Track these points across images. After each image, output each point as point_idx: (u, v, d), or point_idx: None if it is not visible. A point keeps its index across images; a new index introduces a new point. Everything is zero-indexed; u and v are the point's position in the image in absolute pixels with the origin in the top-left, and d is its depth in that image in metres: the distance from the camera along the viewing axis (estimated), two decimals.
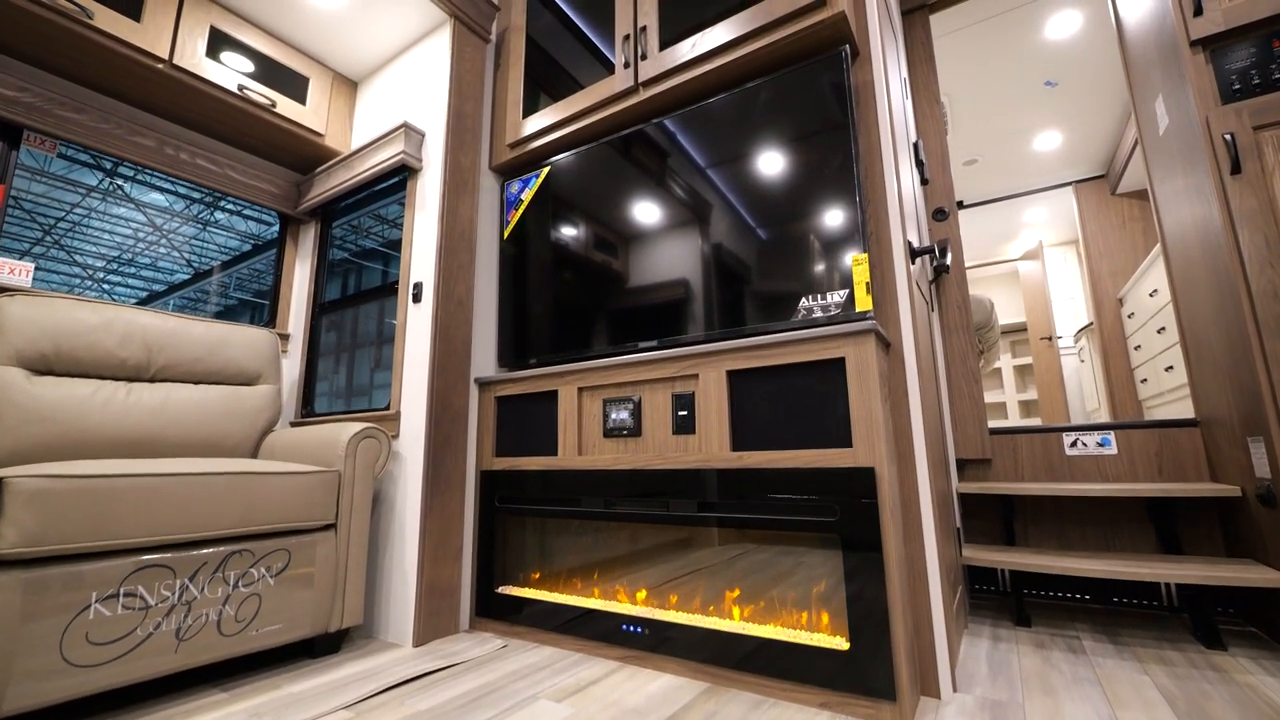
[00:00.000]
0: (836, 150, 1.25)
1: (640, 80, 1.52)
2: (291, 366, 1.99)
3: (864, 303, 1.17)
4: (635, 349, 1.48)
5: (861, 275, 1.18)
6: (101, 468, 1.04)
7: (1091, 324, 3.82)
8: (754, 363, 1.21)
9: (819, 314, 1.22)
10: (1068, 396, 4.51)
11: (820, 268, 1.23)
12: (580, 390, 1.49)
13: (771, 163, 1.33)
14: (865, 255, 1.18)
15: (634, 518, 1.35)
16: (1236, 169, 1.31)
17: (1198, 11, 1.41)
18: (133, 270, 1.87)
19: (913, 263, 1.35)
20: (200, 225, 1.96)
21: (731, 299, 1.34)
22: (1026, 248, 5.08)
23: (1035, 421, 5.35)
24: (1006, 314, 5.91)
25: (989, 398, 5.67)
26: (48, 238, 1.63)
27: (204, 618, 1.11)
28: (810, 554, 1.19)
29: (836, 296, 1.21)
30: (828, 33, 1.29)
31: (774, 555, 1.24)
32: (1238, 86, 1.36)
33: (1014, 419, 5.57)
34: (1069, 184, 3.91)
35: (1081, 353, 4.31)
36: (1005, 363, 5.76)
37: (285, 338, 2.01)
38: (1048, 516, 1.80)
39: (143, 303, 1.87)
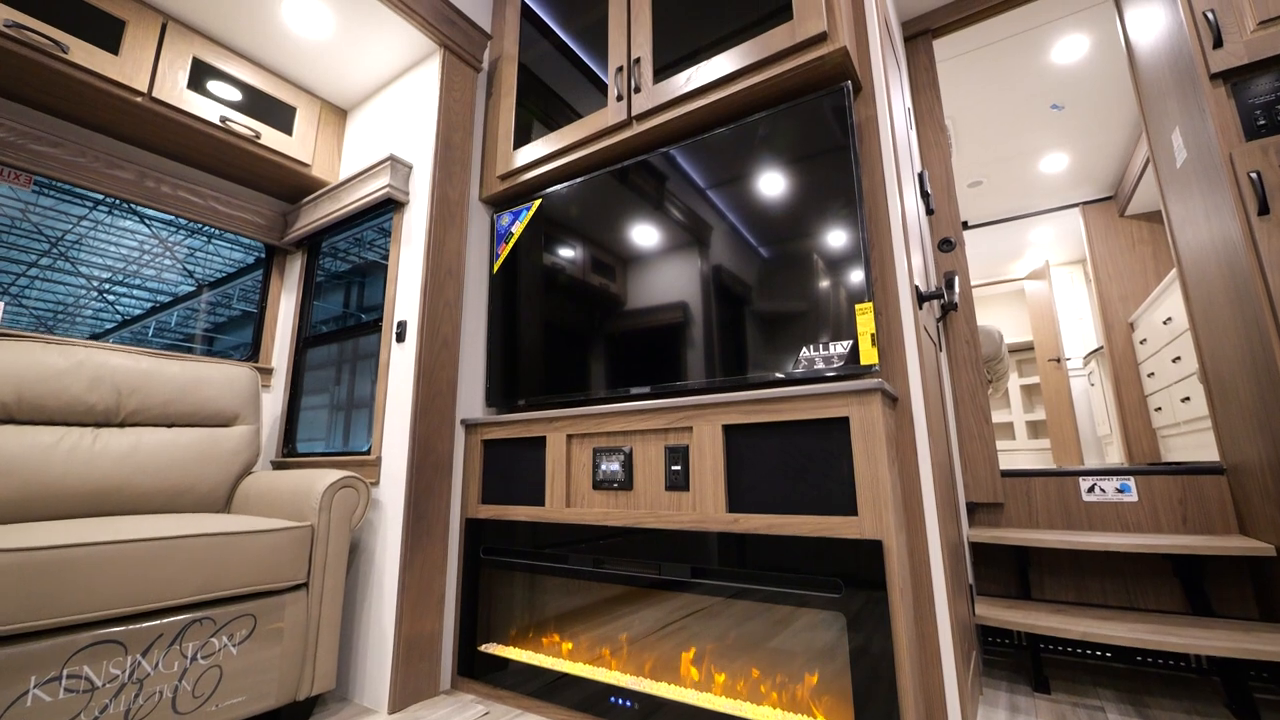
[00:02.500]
0: (839, 192, 1.18)
1: (634, 114, 1.46)
2: (274, 402, 1.93)
3: (869, 355, 1.10)
4: (627, 394, 1.40)
5: (866, 326, 1.11)
6: (48, 537, 0.97)
7: (1101, 348, 3.73)
8: (752, 418, 1.14)
9: (821, 365, 1.15)
10: (1078, 421, 4.40)
11: (822, 316, 1.16)
12: (569, 437, 1.41)
13: (771, 203, 1.27)
14: (870, 304, 1.11)
15: (624, 579, 1.26)
16: (1264, 210, 1.24)
17: (1217, 43, 1.34)
18: (139, 282, 1.84)
19: (920, 308, 1.28)
20: (205, 238, 1.92)
21: (730, 345, 1.27)
22: (1033, 267, 5.00)
23: (1044, 444, 5.24)
24: (1013, 332, 5.81)
25: (996, 417, 5.55)
26: (54, 250, 1.60)
27: (157, 695, 1.03)
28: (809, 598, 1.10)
29: (840, 348, 1.13)
30: (828, 68, 1.23)
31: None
32: (1263, 122, 1.29)
33: (1021, 440, 5.45)
34: (1076, 205, 3.84)
35: (1091, 376, 4.21)
36: (1013, 382, 5.65)
37: (268, 372, 1.94)
38: (1065, 566, 1.70)
39: (149, 313, 1.84)
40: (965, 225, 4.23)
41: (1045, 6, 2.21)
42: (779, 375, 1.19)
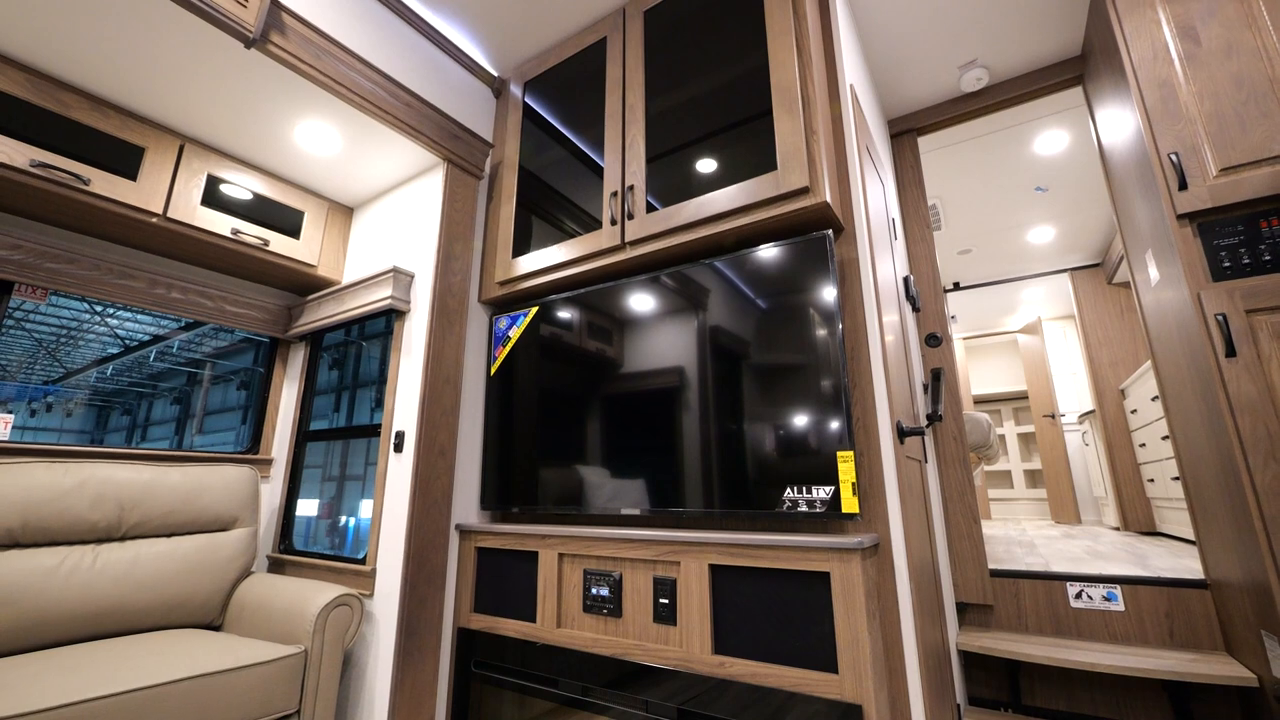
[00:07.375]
0: (819, 336, 1.23)
1: (627, 240, 1.52)
2: (272, 494, 1.95)
3: (849, 504, 1.13)
4: (618, 514, 1.43)
5: (847, 474, 1.14)
6: (20, 704, 0.97)
7: (1094, 411, 3.76)
8: (736, 560, 1.16)
9: (804, 508, 1.18)
10: (1074, 478, 4.40)
11: (805, 460, 1.19)
12: (561, 556, 1.44)
13: (753, 342, 1.32)
14: (851, 452, 1.15)
15: (612, 713, 1.27)
16: (1231, 352, 1.28)
17: (1182, 185, 1.41)
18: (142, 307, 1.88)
19: (902, 443, 1.32)
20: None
21: (717, 478, 1.30)
22: (1026, 321, 5.07)
23: (1042, 493, 5.23)
24: (1008, 381, 5.85)
25: (993, 466, 5.55)
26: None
27: None
28: None
29: (822, 492, 1.17)
30: (810, 215, 1.29)
31: None
32: (1228, 264, 1.35)
33: (1020, 489, 5.44)
34: (1064, 270, 3.92)
35: (1085, 436, 4.23)
36: (1009, 430, 5.67)
37: (267, 463, 1.97)
38: (1056, 675, 1.70)
39: (154, 340, 1.89)
40: (956, 286, 4.31)
41: (1024, 109, 2.31)
42: (763, 512, 1.22)
